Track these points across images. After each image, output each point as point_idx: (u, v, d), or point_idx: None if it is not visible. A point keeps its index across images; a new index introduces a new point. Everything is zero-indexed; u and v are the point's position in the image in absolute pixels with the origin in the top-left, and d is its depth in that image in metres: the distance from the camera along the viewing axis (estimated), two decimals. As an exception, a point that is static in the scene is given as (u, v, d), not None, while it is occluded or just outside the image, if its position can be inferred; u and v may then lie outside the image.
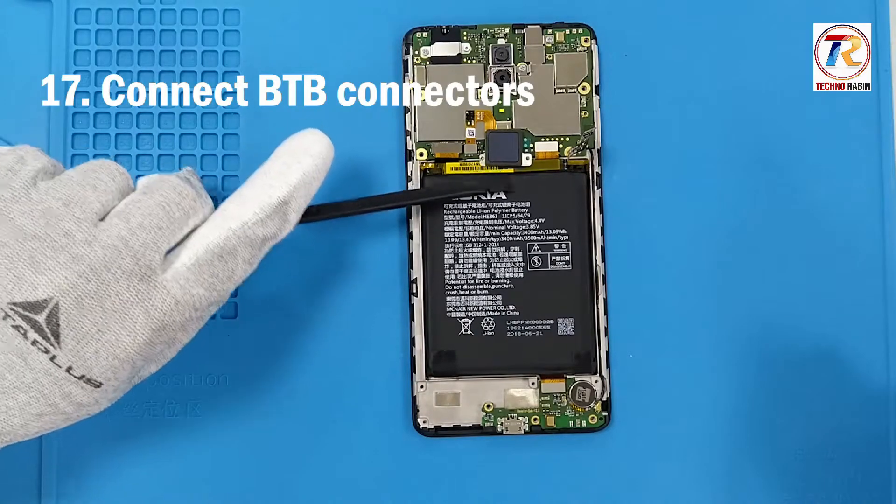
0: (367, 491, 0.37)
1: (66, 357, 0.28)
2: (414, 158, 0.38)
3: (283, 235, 0.32)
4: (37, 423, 0.29)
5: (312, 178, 0.32)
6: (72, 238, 0.29)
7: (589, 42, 0.38)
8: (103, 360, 0.29)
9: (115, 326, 0.29)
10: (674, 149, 0.38)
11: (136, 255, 0.29)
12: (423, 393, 0.37)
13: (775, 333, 0.38)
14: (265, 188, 0.32)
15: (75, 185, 0.30)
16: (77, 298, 0.28)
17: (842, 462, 0.38)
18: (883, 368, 0.38)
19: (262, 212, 0.31)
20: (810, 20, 0.39)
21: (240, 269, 0.31)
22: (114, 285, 0.29)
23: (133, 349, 0.29)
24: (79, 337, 0.28)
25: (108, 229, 0.29)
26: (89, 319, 0.28)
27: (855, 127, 0.39)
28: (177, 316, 0.30)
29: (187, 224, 0.31)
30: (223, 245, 0.31)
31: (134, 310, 0.29)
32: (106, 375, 0.29)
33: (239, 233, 0.31)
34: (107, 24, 0.39)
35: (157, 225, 0.30)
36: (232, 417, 0.37)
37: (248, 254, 0.31)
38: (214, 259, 0.30)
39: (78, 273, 0.28)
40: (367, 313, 0.38)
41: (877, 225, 0.38)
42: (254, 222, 0.31)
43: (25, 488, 0.37)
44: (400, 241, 0.38)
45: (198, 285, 0.30)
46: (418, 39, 0.38)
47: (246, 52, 0.39)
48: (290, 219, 0.32)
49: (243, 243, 0.31)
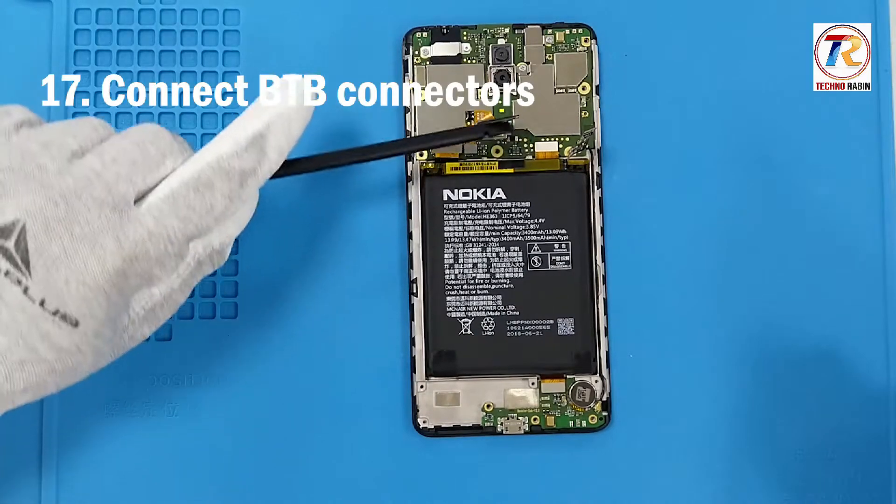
0: (366, 491, 0.37)
1: (38, 288, 0.28)
2: (414, 158, 0.38)
3: (264, 173, 0.32)
4: (21, 375, 0.29)
5: (291, 114, 0.32)
6: (44, 170, 0.29)
7: (589, 42, 0.38)
8: (74, 288, 0.28)
9: (84, 252, 0.29)
10: (674, 149, 0.38)
11: (109, 185, 0.29)
12: (423, 393, 0.37)
13: (775, 333, 0.38)
14: (240, 123, 0.32)
15: (56, 132, 0.30)
16: (45, 222, 0.28)
17: (842, 462, 0.38)
18: (883, 368, 0.38)
19: (237, 144, 0.31)
20: (810, 20, 0.39)
21: (219, 204, 0.31)
22: (84, 213, 0.29)
23: (102, 277, 0.29)
24: (48, 264, 0.28)
25: (82, 164, 0.29)
26: (57, 244, 0.28)
27: (855, 127, 0.39)
28: (150, 247, 0.29)
29: (164, 164, 0.31)
30: (198, 177, 0.30)
31: (104, 237, 0.29)
32: (80, 310, 0.29)
33: (214, 165, 0.31)
34: (107, 24, 0.39)
35: (132, 160, 0.30)
36: (232, 417, 0.38)
37: (226, 188, 0.31)
38: (190, 191, 0.30)
39: (47, 198, 0.28)
40: (368, 313, 0.38)
41: (877, 225, 0.38)
42: (229, 154, 0.31)
43: (25, 488, 0.37)
44: (400, 241, 0.38)
45: (172, 216, 0.30)
46: (418, 39, 0.38)
47: (246, 52, 0.39)
48: (269, 154, 0.32)
49: (219, 175, 0.31)
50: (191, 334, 0.38)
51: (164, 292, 0.32)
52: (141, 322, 0.31)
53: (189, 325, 0.38)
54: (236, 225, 0.33)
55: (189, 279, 0.32)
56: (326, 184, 0.38)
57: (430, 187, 0.37)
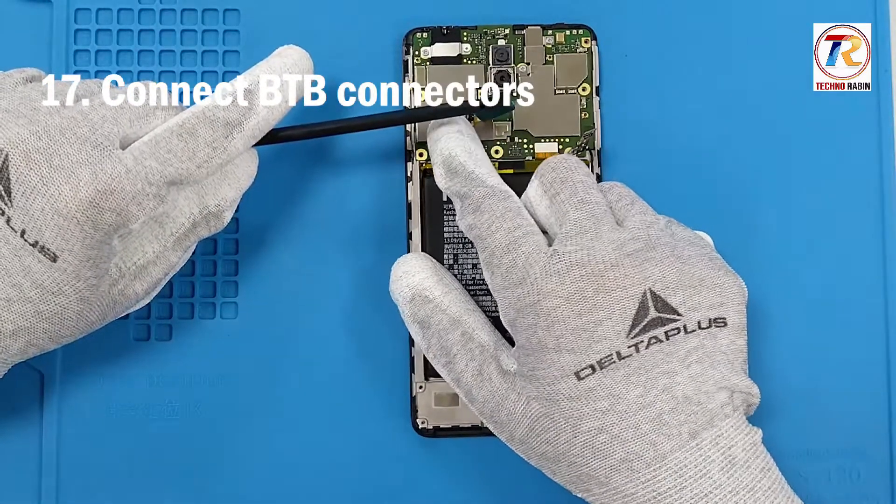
0: (366, 491, 0.38)
1: (18, 217, 0.29)
2: (414, 158, 0.38)
3: (251, 127, 0.32)
4: (9, 316, 0.30)
5: (283, 74, 0.33)
6: (38, 111, 0.30)
7: (589, 43, 0.38)
8: (49, 217, 0.29)
9: (60, 180, 0.29)
10: (673, 149, 0.39)
11: (94, 125, 0.30)
12: (423, 394, 0.37)
13: (775, 333, 0.38)
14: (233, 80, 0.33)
15: (60, 84, 0.32)
16: (26, 152, 0.29)
17: (842, 461, 0.38)
18: (883, 368, 0.38)
19: (224, 96, 0.32)
20: (810, 20, 0.39)
21: (202, 152, 0.31)
22: (65, 146, 0.30)
23: (75, 204, 0.29)
24: (27, 192, 0.29)
25: (74, 106, 0.31)
26: (36, 173, 0.29)
27: (855, 127, 0.39)
28: (126, 184, 0.30)
29: (155, 114, 0.32)
30: (182, 123, 0.31)
31: (81, 169, 0.30)
32: (57, 242, 0.29)
33: (198, 112, 0.32)
34: (107, 24, 0.39)
35: (120, 105, 0.31)
36: (232, 418, 0.38)
37: (210, 136, 0.32)
38: (173, 136, 0.31)
39: (30, 131, 0.30)
40: (367, 314, 0.38)
41: (877, 225, 0.38)
42: (215, 105, 0.32)
43: (26, 489, 0.37)
44: (400, 241, 0.38)
45: (151, 158, 0.31)
46: (418, 40, 0.38)
47: (246, 52, 0.39)
48: (256, 108, 0.32)
49: (203, 123, 0.31)
50: (191, 334, 0.38)
51: (157, 249, 0.33)
52: (132, 277, 0.32)
53: (189, 325, 0.38)
54: (233, 188, 0.34)
55: (183, 239, 0.33)
56: (327, 184, 0.38)
57: (430, 187, 0.37)
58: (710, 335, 0.30)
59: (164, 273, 0.33)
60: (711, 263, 0.32)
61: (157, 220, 0.33)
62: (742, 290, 0.32)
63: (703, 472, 0.28)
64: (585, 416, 0.30)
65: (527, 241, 0.31)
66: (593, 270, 0.30)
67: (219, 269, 0.38)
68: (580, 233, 0.31)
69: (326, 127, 0.35)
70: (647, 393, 0.29)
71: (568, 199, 0.32)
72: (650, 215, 0.32)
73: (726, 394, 0.30)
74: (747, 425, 0.30)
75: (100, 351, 0.37)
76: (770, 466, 0.29)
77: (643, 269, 0.30)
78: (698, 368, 0.30)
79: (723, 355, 0.30)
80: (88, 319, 0.32)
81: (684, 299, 0.30)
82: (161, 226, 0.33)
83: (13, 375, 0.33)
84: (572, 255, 0.30)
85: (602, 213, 0.32)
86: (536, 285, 0.30)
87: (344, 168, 0.38)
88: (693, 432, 0.29)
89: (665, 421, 0.29)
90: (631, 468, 0.29)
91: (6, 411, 0.37)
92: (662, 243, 0.31)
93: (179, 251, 0.33)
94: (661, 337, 0.30)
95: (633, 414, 0.29)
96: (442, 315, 0.33)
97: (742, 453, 0.29)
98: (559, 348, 0.30)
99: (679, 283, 0.30)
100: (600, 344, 0.30)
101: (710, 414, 0.29)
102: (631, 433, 0.29)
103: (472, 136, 0.35)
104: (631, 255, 0.30)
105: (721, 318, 0.31)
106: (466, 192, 0.33)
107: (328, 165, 0.38)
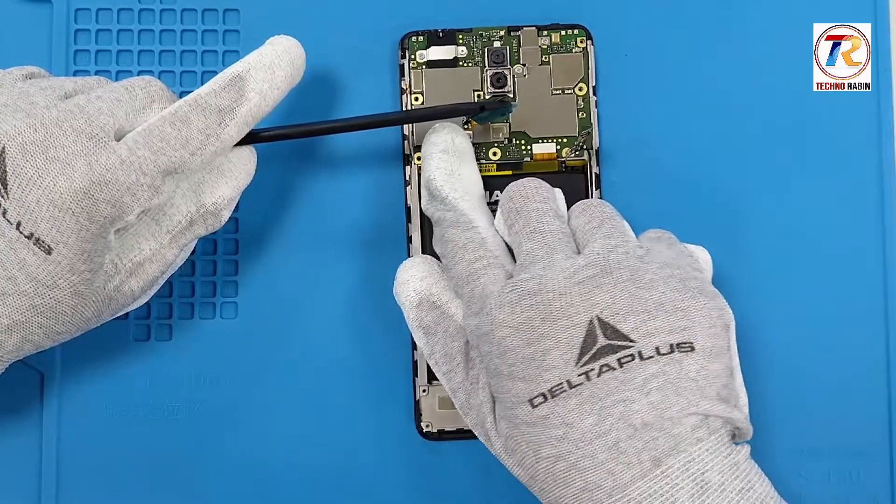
0: (370, 494, 0.38)
1: (14, 209, 0.29)
2: (412, 162, 0.38)
3: (243, 114, 0.32)
4: (3, 310, 0.30)
5: (273, 61, 0.33)
6: (35, 105, 0.31)
7: (585, 43, 0.38)
8: (45, 209, 0.30)
9: (55, 171, 0.30)
10: (672, 149, 0.38)
11: (90, 117, 0.31)
12: (426, 397, 0.37)
13: (775, 333, 0.38)
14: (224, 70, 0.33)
15: (58, 80, 0.32)
16: (22, 144, 0.30)
17: (842, 462, 0.38)
18: (883, 368, 0.38)
19: (215, 83, 0.32)
20: (810, 20, 0.39)
21: (195, 139, 0.32)
22: (61, 138, 0.30)
23: (69, 195, 0.30)
24: (23, 184, 0.30)
25: (70, 100, 0.31)
26: (32, 166, 0.30)
27: (855, 127, 0.39)
28: (121, 175, 0.30)
29: (151, 107, 0.32)
30: (175, 112, 0.32)
31: (76, 160, 0.30)
32: (52, 234, 0.30)
33: (190, 101, 0.32)
34: (107, 24, 0.39)
35: (117, 97, 0.32)
36: (232, 418, 0.38)
37: (202, 123, 0.32)
38: (165, 125, 0.31)
39: (27, 124, 0.30)
40: (369, 316, 0.38)
41: (877, 225, 0.38)
42: (206, 92, 0.32)
43: (26, 489, 0.38)
44: (400, 244, 0.38)
45: (144, 147, 0.31)
46: (414, 43, 0.38)
47: (246, 52, 0.38)
48: (248, 96, 0.32)
49: (195, 111, 0.32)
50: (191, 334, 0.38)
51: (153, 246, 0.33)
52: (128, 274, 0.32)
53: (189, 325, 0.38)
54: (230, 187, 0.34)
55: (179, 237, 0.33)
56: (327, 185, 0.38)
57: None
58: (673, 361, 0.29)
59: (161, 271, 0.33)
60: (680, 286, 0.30)
61: (154, 216, 0.33)
62: (719, 313, 0.30)
63: (671, 500, 0.28)
64: (543, 442, 0.29)
65: (486, 272, 0.31)
66: (542, 300, 0.30)
67: (219, 269, 0.38)
68: (532, 262, 0.31)
69: (323, 126, 0.35)
70: (603, 421, 0.29)
71: (521, 229, 0.32)
72: (616, 238, 0.31)
73: (697, 419, 0.29)
74: (728, 446, 0.29)
75: (100, 351, 0.38)
76: (750, 486, 0.29)
77: (591, 296, 0.29)
78: (658, 396, 0.29)
79: (691, 381, 0.29)
80: (84, 315, 0.32)
81: (637, 325, 0.29)
82: (157, 223, 0.33)
83: (13, 375, 0.34)
84: (524, 284, 0.30)
85: (556, 242, 0.31)
86: (491, 315, 0.30)
87: (344, 169, 0.38)
88: (656, 459, 0.28)
89: (622, 449, 0.28)
90: (591, 498, 0.29)
91: (6, 411, 0.38)
92: (623, 267, 0.30)
93: (176, 249, 0.33)
94: (613, 364, 0.29)
95: (587, 443, 0.29)
96: (449, 322, 0.33)
97: (717, 477, 0.28)
98: (513, 376, 0.30)
99: (630, 309, 0.29)
100: (549, 373, 0.29)
101: (676, 439, 0.28)
102: (588, 462, 0.29)
103: (462, 149, 0.35)
104: (581, 282, 0.30)
105: (686, 342, 0.29)
106: (438, 217, 0.33)
107: (329, 167, 0.38)
